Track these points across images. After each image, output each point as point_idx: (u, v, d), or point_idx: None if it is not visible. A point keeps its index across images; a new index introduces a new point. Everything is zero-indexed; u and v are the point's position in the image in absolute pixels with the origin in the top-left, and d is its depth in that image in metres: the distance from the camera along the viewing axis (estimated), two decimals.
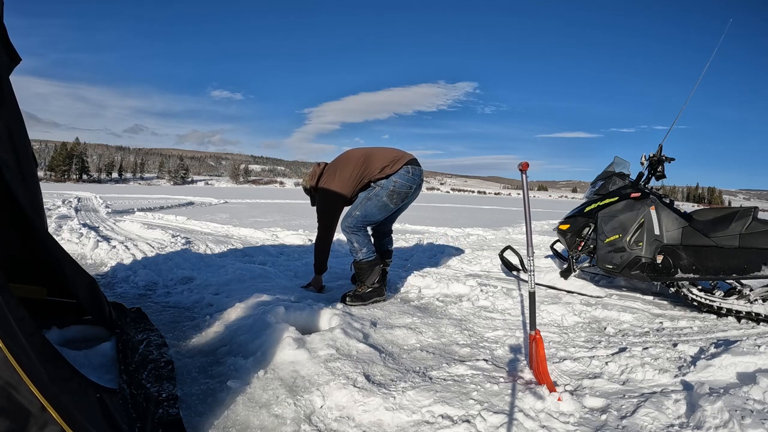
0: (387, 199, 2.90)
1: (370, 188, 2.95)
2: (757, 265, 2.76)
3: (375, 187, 2.92)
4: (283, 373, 1.74)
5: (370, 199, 2.90)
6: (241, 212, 11.66)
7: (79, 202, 13.45)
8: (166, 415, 1.39)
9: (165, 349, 1.92)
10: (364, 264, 2.91)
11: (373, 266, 2.94)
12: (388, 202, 2.91)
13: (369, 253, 2.94)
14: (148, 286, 3.17)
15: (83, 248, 4.47)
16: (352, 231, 2.91)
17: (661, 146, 3.24)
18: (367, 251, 2.94)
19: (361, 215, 2.91)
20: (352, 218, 2.91)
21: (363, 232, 2.96)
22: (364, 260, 2.91)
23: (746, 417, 1.39)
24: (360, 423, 1.49)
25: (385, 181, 2.91)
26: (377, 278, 2.93)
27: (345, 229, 2.93)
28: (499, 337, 2.34)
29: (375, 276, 2.92)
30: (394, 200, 2.92)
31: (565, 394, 1.60)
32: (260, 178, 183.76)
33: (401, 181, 2.90)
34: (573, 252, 3.41)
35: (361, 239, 2.93)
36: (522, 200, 2.01)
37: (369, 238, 3.01)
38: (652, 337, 2.45)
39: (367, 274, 2.91)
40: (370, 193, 2.91)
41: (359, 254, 2.92)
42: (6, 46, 1.69)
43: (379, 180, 2.94)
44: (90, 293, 1.95)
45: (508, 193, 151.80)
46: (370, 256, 2.94)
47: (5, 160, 1.62)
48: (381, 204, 2.91)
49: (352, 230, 2.91)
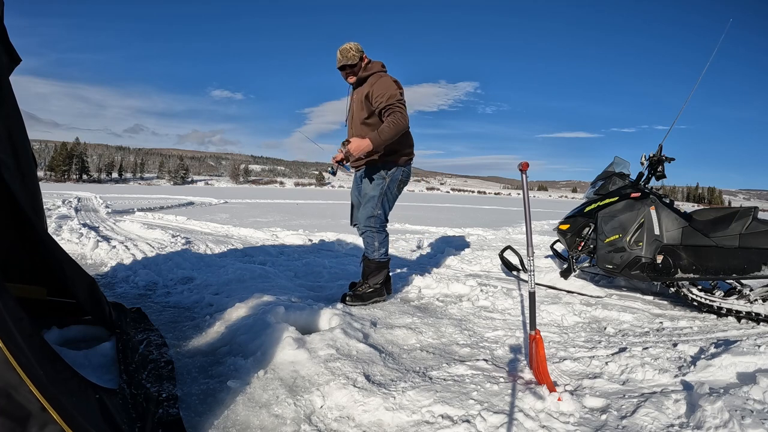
0: (397, 191, 2.91)
1: (379, 179, 2.85)
2: (757, 265, 2.76)
3: (386, 178, 2.85)
4: (283, 373, 1.74)
5: (385, 194, 2.85)
6: (241, 212, 11.66)
7: (79, 202, 13.45)
8: (166, 415, 1.39)
9: (165, 349, 1.92)
10: (375, 263, 2.87)
11: (382, 268, 2.89)
12: (397, 194, 2.93)
13: (384, 255, 2.90)
14: (148, 286, 3.16)
15: (83, 248, 4.47)
16: (378, 230, 2.86)
17: (661, 146, 3.24)
18: (385, 252, 2.90)
19: (383, 213, 2.87)
20: (376, 218, 2.84)
21: (386, 231, 2.93)
22: (377, 260, 2.87)
23: (746, 417, 1.39)
24: (360, 423, 1.49)
25: (395, 170, 2.87)
26: (381, 280, 2.88)
27: (370, 229, 2.85)
28: (499, 337, 2.34)
29: (380, 278, 2.87)
30: (399, 191, 2.93)
31: (565, 394, 1.60)
32: (260, 178, 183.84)
33: (408, 173, 2.94)
34: (573, 252, 3.41)
35: (384, 239, 2.89)
36: (522, 200, 2.01)
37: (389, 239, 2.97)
38: (652, 337, 2.45)
39: (373, 273, 2.86)
40: (383, 188, 2.84)
41: (375, 253, 2.86)
42: (6, 46, 1.70)
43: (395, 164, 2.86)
44: (90, 293, 1.95)
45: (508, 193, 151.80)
46: (384, 257, 2.90)
47: (5, 160, 1.62)
48: (393, 197, 2.92)
49: (378, 230, 2.86)
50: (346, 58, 2.77)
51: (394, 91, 2.69)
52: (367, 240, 2.89)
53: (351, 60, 2.78)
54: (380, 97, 2.68)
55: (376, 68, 2.84)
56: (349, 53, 2.78)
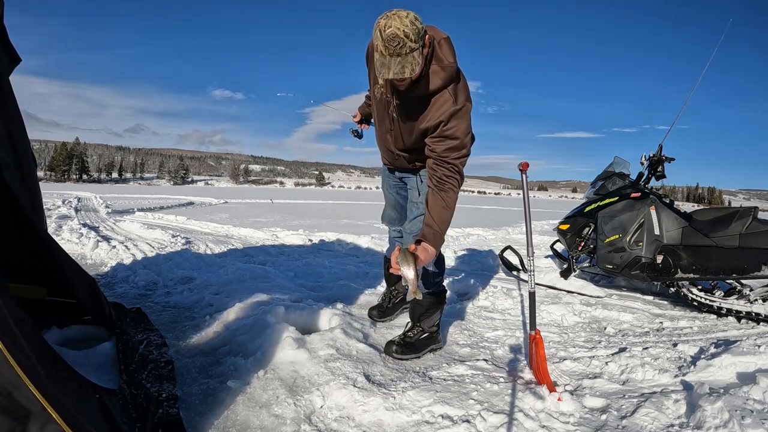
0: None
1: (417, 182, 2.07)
2: (757, 265, 2.77)
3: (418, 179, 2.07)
4: (283, 373, 1.74)
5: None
6: (241, 212, 11.66)
7: (79, 202, 13.45)
8: (166, 415, 1.39)
9: (165, 349, 1.92)
10: (430, 298, 2.07)
11: (441, 303, 2.13)
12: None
13: (441, 285, 2.15)
14: (148, 286, 3.16)
15: (83, 248, 4.46)
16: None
17: (661, 146, 3.24)
18: (441, 281, 2.13)
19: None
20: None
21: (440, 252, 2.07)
22: (433, 292, 2.09)
23: (746, 417, 1.39)
24: (360, 423, 1.49)
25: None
26: (438, 320, 2.13)
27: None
28: (499, 337, 2.34)
29: (437, 317, 2.11)
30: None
31: (565, 394, 1.60)
32: (260, 178, 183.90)
33: None
34: (573, 252, 3.42)
35: (440, 264, 2.10)
36: (522, 200, 2.01)
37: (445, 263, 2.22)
38: (652, 337, 2.45)
39: (429, 312, 2.08)
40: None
41: (429, 284, 2.06)
42: (6, 46, 1.70)
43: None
44: (90, 293, 1.95)
45: (508, 193, 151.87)
46: (441, 288, 2.15)
47: (5, 160, 1.63)
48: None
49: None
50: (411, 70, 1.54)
51: (466, 147, 1.75)
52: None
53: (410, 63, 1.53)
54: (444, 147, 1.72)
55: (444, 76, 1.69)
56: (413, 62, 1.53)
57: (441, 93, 1.71)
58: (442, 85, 1.69)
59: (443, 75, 1.68)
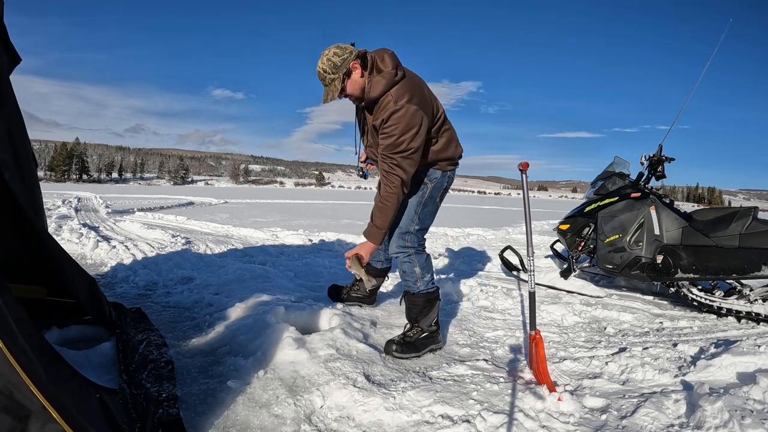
0: (439, 200, 2.24)
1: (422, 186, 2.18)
2: (757, 265, 2.77)
3: (427, 184, 2.17)
4: (283, 373, 1.74)
5: (425, 204, 2.17)
6: (241, 212, 11.66)
7: (79, 202, 13.44)
8: (166, 415, 1.39)
9: (165, 349, 1.92)
10: (422, 297, 2.15)
11: (433, 301, 2.18)
12: (439, 203, 2.26)
13: (431, 283, 2.19)
14: (148, 286, 3.16)
15: (83, 248, 4.47)
16: (417, 251, 2.16)
17: (661, 146, 3.24)
18: (431, 279, 2.20)
19: (421, 228, 2.18)
20: (413, 236, 2.15)
21: (425, 252, 2.23)
22: (423, 291, 2.15)
23: (746, 417, 1.39)
24: (360, 423, 1.49)
25: (441, 175, 2.19)
26: (435, 318, 2.19)
27: (404, 252, 2.14)
28: (499, 337, 2.34)
29: (433, 315, 2.17)
30: (441, 200, 2.27)
31: (565, 394, 1.60)
32: (260, 178, 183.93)
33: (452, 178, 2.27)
34: (573, 252, 3.42)
35: (425, 262, 2.18)
36: (522, 200, 2.01)
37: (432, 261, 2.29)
38: (652, 337, 2.45)
39: (425, 311, 2.15)
40: (423, 197, 2.17)
41: (419, 283, 2.15)
42: (6, 46, 1.70)
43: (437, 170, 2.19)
44: (90, 293, 1.95)
45: (508, 193, 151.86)
46: (432, 286, 2.19)
47: (5, 160, 1.63)
48: (435, 208, 2.24)
49: (417, 251, 2.16)
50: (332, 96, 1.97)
51: (404, 144, 1.90)
52: (404, 267, 2.17)
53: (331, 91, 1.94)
54: (385, 143, 1.95)
55: (384, 83, 1.94)
56: (334, 89, 1.94)
57: (384, 96, 1.96)
58: (383, 90, 1.95)
59: (383, 82, 1.94)
